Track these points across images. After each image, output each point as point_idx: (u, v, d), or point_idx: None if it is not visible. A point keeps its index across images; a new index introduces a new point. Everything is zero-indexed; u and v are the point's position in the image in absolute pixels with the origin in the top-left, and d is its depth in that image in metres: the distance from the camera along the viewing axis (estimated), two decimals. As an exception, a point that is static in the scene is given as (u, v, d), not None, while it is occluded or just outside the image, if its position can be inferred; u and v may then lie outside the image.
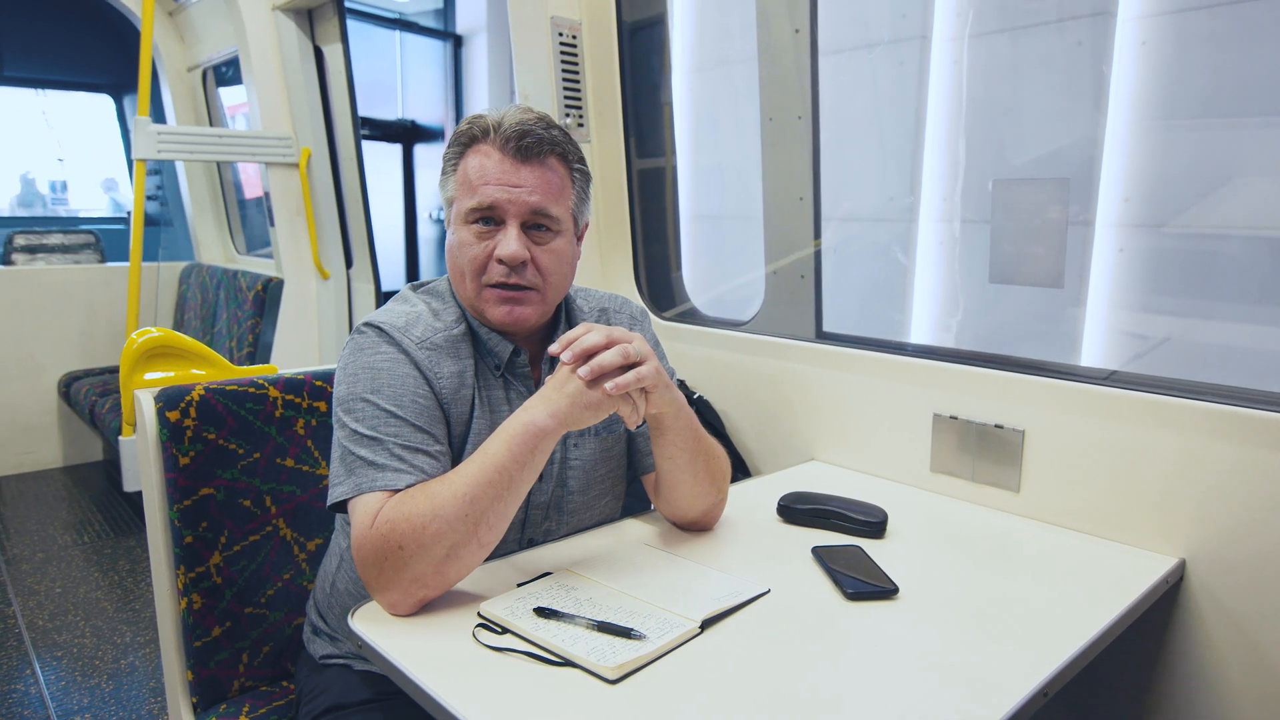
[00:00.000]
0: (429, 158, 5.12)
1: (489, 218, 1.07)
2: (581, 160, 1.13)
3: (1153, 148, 2.07)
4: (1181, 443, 1.20)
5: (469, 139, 1.09)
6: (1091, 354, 2.25)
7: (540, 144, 1.07)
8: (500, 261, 1.06)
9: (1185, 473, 1.20)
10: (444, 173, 1.13)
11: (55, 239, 4.23)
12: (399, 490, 0.98)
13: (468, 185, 1.07)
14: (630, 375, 0.99)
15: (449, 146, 1.11)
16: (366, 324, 1.10)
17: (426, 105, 5.34)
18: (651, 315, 2.08)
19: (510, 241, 1.05)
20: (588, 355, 0.99)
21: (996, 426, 1.40)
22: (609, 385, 0.98)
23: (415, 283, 1.20)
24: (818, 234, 1.85)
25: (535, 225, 1.08)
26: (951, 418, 1.46)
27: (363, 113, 3.46)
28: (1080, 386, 1.30)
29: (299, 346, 3.43)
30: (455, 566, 0.95)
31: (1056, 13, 2.21)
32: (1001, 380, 1.40)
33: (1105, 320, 2.23)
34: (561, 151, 1.10)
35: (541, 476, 1.14)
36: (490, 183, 1.06)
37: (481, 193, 1.06)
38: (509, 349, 1.13)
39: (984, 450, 1.41)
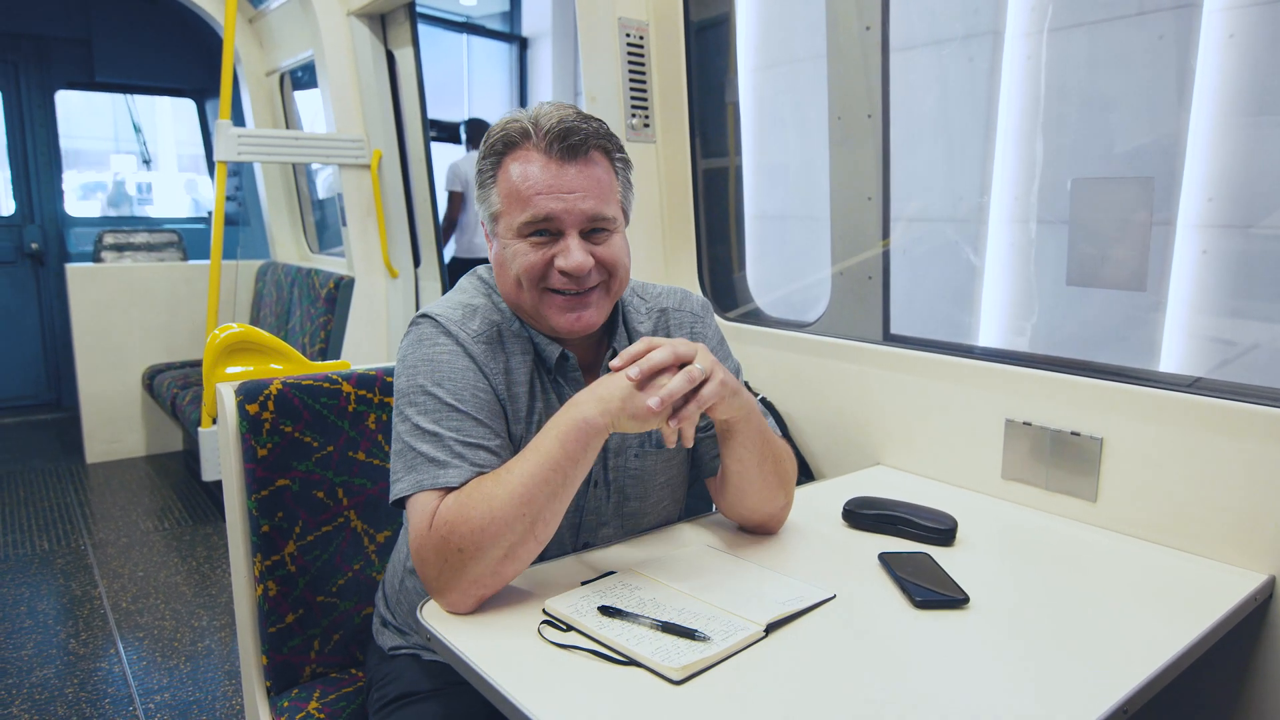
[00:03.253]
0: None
1: (545, 229, 1.03)
2: (620, 148, 1.09)
3: (1239, 146, 1.99)
4: (1270, 453, 1.15)
5: (504, 144, 1.04)
6: (1172, 359, 2.17)
7: (585, 140, 1.02)
8: (563, 273, 1.03)
9: (1274, 484, 1.15)
10: (481, 185, 1.07)
11: (141, 238, 4.44)
12: (455, 488, 0.97)
13: (516, 197, 1.02)
14: (691, 406, 0.97)
15: (483, 156, 1.06)
16: (424, 315, 1.08)
17: (492, 106, 5.42)
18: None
19: (574, 253, 1.02)
20: (654, 373, 0.96)
21: (1073, 434, 1.35)
22: (653, 401, 0.94)
23: (486, 264, 1.16)
24: (886, 234, 1.82)
25: (592, 230, 1.05)
26: (1025, 424, 1.42)
27: (431, 114, 3.51)
28: (1162, 393, 1.25)
29: (368, 343, 3.52)
30: (512, 565, 0.95)
31: (1138, 6, 2.13)
32: (1078, 386, 1.35)
33: (1187, 325, 2.14)
34: (603, 144, 1.06)
35: (597, 483, 1.14)
36: (541, 192, 1.01)
37: (536, 204, 1.01)
38: (556, 352, 1.10)
39: (1059, 458, 1.37)
